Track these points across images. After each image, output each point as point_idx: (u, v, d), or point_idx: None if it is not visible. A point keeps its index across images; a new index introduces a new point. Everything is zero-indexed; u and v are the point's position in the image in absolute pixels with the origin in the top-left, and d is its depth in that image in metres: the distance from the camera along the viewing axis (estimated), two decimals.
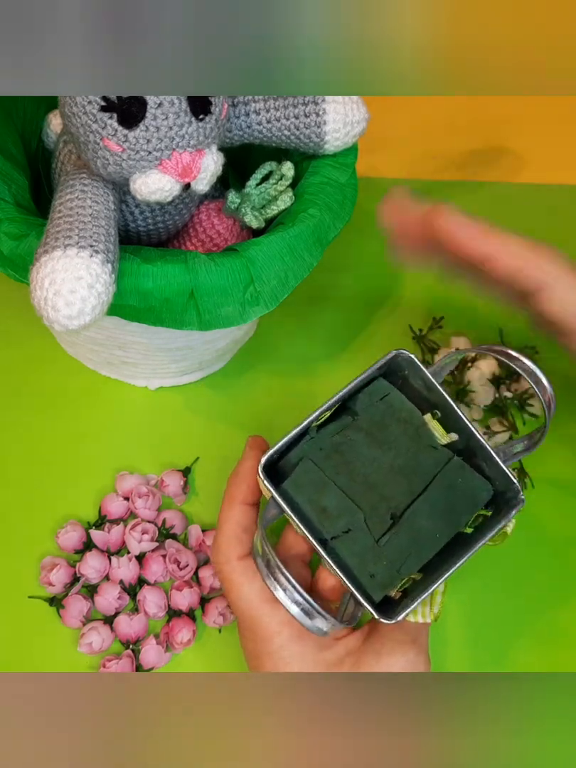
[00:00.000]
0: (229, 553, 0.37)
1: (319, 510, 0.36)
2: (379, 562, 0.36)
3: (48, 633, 0.45)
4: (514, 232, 0.40)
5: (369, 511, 0.36)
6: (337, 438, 0.37)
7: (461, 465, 0.37)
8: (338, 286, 0.59)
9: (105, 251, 0.35)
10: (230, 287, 0.39)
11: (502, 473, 0.37)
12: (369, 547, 0.36)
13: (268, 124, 0.43)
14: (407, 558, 0.36)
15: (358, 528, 0.36)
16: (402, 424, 0.38)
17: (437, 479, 0.37)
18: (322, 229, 0.42)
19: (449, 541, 0.37)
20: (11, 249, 0.38)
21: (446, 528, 0.37)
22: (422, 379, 0.38)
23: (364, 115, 0.44)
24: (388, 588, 0.36)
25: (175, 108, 0.35)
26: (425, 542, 0.36)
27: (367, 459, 0.37)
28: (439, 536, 0.36)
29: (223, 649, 0.45)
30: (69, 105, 0.36)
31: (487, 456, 0.37)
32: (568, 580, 0.48)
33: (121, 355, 0.49)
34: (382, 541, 0.36)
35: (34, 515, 0.48)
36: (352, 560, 0.36)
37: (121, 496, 0.48)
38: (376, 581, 0.35)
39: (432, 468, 0.37)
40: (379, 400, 0.38)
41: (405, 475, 0.37)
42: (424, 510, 0.36)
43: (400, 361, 0.38)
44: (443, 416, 0.38)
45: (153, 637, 0.44)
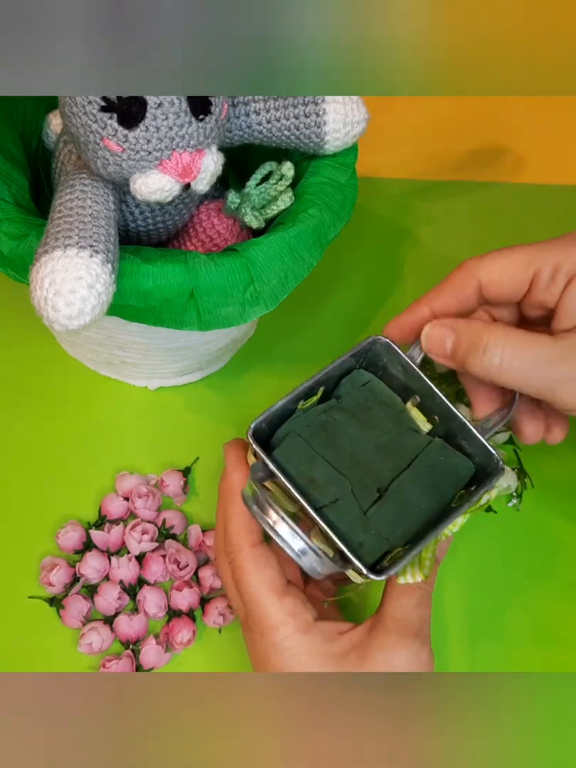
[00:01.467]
0: (241, 541, 0.37)
1: (308, 480, 0.36)
2: (367, 531, 0.36)
3: (48, 633, 0.45)
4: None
5: (356, 483, 0.37)
6: (323, 417, 0.38)
7: (443, 445, 0.39)
8: (338, 286, 0.59)
9: (105, 251, 0.35)
10: (230, 287, 0.39)
11: (481, 446, 0.38)
12: (357, 516, 0.36)
13: (268, 124, 0.43)
14: (394, 527, 0.36)
15: (346, 498, 0.36)
16: (384, 407, 0.39)
17: (420, 458, 0.38)
18: (322, 229, 0.42)
19: (435, 517, 0.37)
20: (11, 249, 0.38)
21: (431, 502, 0.37)
22: (400, 364, 0.39)
23: (364, 115, 0.44)
24: (377, 554, 0.36)
25: (175, 108, 0.35)
26: (412, 514, 0.37)
27: (353, 437, 0.38)
28: (425, 508, 0.37)
29: (223, 649, 0.45)
30: (69, 105, 0.36)
31: (466, 433, 0.38)
32: (568, 580, 0.48)
33: (121, 355, 0.49)
34: (369, 512, 0.36)
35: (34, 515, 0.48)
36: (342, 528, 0.36)
37: (121, 496, 0.48)
38: (364, 548, 0.36)
39: (414, 448, 0.38)
40: (361, 386, 0.40)
41: (389, 453, 0.38)
42: (409, 484, 0.37)
43: (378, 348, 0.39)
44: (423, 399, 0.39)
45: (153, 637, 0.44)
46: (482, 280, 0.37)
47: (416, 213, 0.64)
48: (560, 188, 0.66)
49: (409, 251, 0.62)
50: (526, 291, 0.37)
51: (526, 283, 0.36)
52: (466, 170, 0.67)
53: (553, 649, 0.46)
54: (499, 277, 0.37)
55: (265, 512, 0.35)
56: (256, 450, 0.36)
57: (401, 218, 0.63)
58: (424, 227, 0.63)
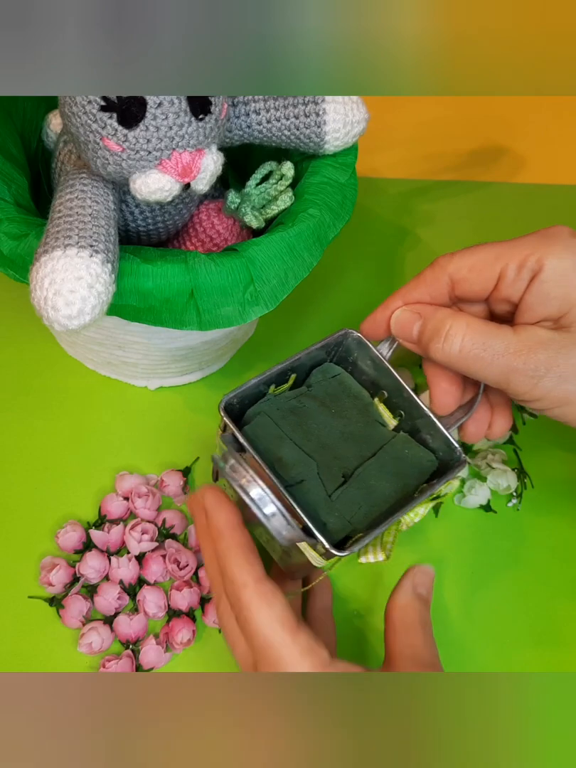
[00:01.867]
0: (244, 577, 0.34)
1: (275, 459, 0.37)
2: (331, 513, 0.36)
3: (48, 633, 0.45)
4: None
5: (322, 466, 0.37)
6: (293, 402, 0.39)
7: (407, 439, 0.40)
8: (338, 286, 0.59)
9: (105, 251, 0.35)
10: (230, 287, 0.39)
11: (445, 440, 0.39)
12: (322, 498, 0.37)
13: (268, 124, 0.43)
14: (357, 511, 0.37)
15: (312, 479, 0.37)
16: (352, 399, 0.40)
17: (385, 448, 0.39)
18: (322, 229, 0.42)
19: (397, 504, 0.38)
20: (11, 249, 0.38)
21: (394, 490, 0.38)
22: (370, 358, 0.40)
23: (364, 115, 0.44)
24: (340, 535, 0.36)
25: (175, 108, 0.35)
26: (375, 500, 0.38)
27: (321, 423, 0.39)
28: (389, 494, 0.38)
29: (223, 649, 0.45)
30: (69, 105, 0.36)
31: (431, 427, 0.39)
32: (568, 580, 0.48)
33: (121, 355, 0.49)
34: (334, 495, 0.37)
35: (34, 515, 0.48)
36: (306, 508, 0.36)
37: (121, 496, 0.48)
38: (328, 529, 0.36)
39: (380, 440, 0.39)
40: (331, 378, 0.41)
41: (355, 442, 0.39)
42: (374, 471, 0.38)
43: (350, 342, 0.40)
44: (391, 393, 0.40)
45: (153, 637, 0.44)
46: (453, 276, 0.38)
47: (416, 213, 0.64)
48: (560, 188, 0.66)
49: (409, 251, 0.62)
50: (493, 287, 0.37)
51: (494, 280, 0.37)
52: (466, 170, 0.67)
53: (553, 649, 0.46)
54: (468, 273, 0.37)
55: (237, 472, 0.35)
56: (227, 423, 0.37)
57: (401, 218, 0.63)
58: (424, 227, 0.63)
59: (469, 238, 0.62)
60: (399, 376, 0.40)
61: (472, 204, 0.65)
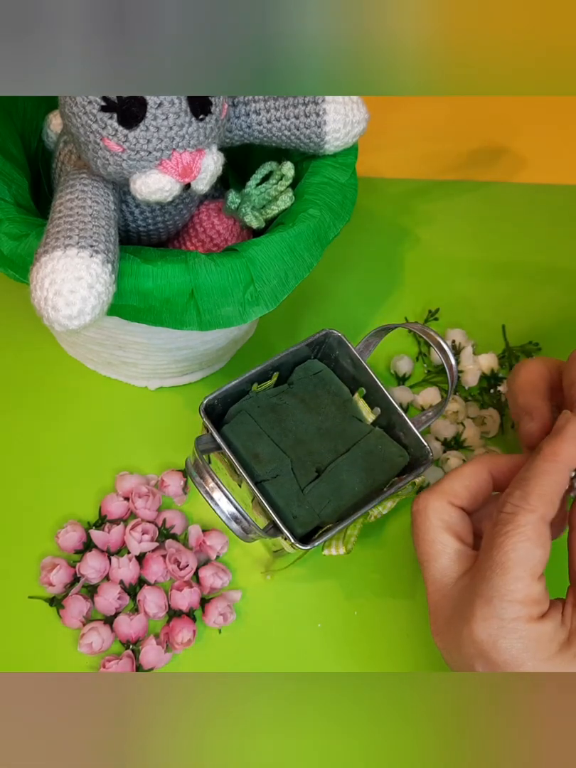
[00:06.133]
0: (539, 505, 0.34)
1: (252, 455, 0.39)
2: (302, 506, 0.39)
3: (48, 633, 0.45)
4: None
5: (297, 462, 0.40)
6: (273, 399, 0.42)
7: (381, 434, 0.42)
8: (338, 286, 0.59)
9: (105, 251, 0.35)
10: (230, 287, 0.39)
11: (415, 438, 0.41)
12: (294, 492, 0.39)
13: (268, 124, 0.43)
14: (327, 504, 0.39)
15: (285, 474, 0.40)
16: (331, 396, 0.43)
17: (359, 444, 0.41)
18: (322, 229, 0.42)
19: (365, 497, 0.40)
20: (11, 249, 0.38)
21: (364, 485, 0.40)
22: (350, 357, 0.43)
23: (364, 115, 0.44)
24: (309, 527, 0.39)
25: (175, 108, 0.35)
26: (344, 494, 0.40)
27: (299, 420, 0.41)
28: (357, 490, 0.40)
29: (223, 649, 0.45)
30: (69, 105, 0.36)
31: (404, 425, 0.42)
32: (567, 580, 0.48)
33: (121, 355, 0.49)
34: (306, 489, 0.40)
35: (34, 515, 0.48)
36: (279, 502, 0.39)
37: (121, 496, 0.48)
38: (297, 521, 0.39)
39: (355, 435, 0.42)
40: (313, 375, 0.43)
41: (331, 438, 0.41)
42: (345, 467, 0.40)
43: (331, 341, 0.43)
44: (368, 391, 0.43)
45: (153, 637, 0.44)
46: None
47: (416, 213, 0.64)
48: (560, 188, 0.66)
49: (409, 251, 0.62)
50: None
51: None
52: (466, 170, 0.67)
53: None
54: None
55: (203, 478, 0.38)
56: (206, 424, 0.39)
57: (401, 218, 0.63)
58: (424, 227, 0.63)
59: (469, 238, 0.62)
60: (374, 374, 0.42)
61: (472, 204, 0.65)
